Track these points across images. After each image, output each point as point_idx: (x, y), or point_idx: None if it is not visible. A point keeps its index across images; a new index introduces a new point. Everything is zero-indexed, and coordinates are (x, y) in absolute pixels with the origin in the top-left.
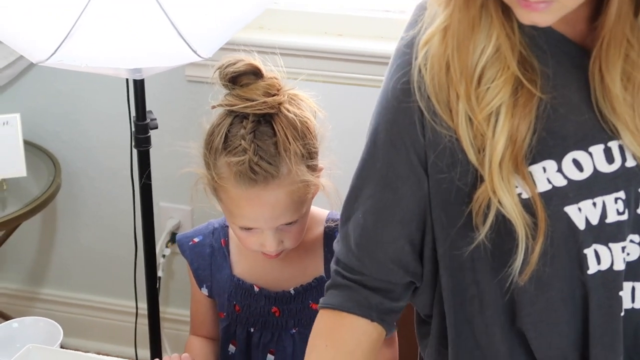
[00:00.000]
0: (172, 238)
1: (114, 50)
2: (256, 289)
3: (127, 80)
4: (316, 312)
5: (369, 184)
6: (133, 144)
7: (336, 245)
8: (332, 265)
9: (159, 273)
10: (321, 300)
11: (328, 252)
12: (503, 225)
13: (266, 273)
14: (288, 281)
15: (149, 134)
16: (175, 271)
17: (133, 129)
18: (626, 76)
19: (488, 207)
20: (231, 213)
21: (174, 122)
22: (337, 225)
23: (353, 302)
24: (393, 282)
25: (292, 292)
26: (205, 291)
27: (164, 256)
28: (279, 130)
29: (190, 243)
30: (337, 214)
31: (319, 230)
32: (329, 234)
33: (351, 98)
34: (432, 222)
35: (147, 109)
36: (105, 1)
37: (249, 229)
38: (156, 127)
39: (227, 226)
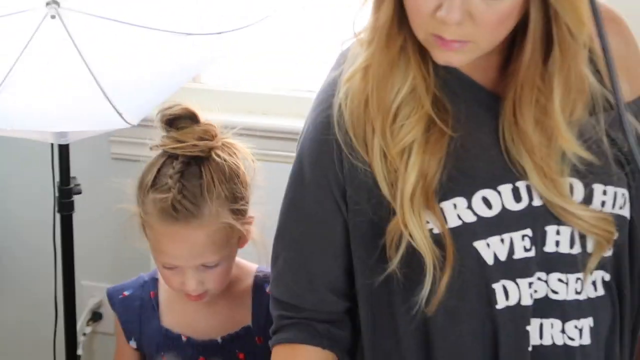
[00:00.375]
0: (93, 316)
1: (41, 112)
2: (184, 338)
3: (52, 146)
4: None
5: (298, 221)
6: (56, 208)
7: (272, 289)
8: (273, 311)
9: (79, 351)
10: (273, 338)
11: (256, 303)
12: (413, 257)
13: (194, 322)
14: (215, 330)
15: (72, 199)
16: (96, 350)
17: (57, 194)
18: (536, 121)
19: (400, 239)
20: (155, 249)
21: (98, 198)
22: (266, 276)
23: (304, 334)
24: (335, 311)
25: (220, 340)
26: (133, 344)
27: (84, 334)
28: (205, 173)
29: (120, 296)
30: (266, 268)
31: (248, 281)
32: (258, 285)
33: (277, 175)
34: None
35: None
36: (32, 63)
37: (171, 268)
38: (80, 193)
39: (157, 279)
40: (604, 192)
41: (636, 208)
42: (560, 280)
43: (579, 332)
